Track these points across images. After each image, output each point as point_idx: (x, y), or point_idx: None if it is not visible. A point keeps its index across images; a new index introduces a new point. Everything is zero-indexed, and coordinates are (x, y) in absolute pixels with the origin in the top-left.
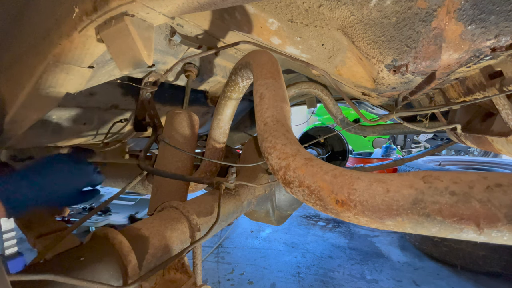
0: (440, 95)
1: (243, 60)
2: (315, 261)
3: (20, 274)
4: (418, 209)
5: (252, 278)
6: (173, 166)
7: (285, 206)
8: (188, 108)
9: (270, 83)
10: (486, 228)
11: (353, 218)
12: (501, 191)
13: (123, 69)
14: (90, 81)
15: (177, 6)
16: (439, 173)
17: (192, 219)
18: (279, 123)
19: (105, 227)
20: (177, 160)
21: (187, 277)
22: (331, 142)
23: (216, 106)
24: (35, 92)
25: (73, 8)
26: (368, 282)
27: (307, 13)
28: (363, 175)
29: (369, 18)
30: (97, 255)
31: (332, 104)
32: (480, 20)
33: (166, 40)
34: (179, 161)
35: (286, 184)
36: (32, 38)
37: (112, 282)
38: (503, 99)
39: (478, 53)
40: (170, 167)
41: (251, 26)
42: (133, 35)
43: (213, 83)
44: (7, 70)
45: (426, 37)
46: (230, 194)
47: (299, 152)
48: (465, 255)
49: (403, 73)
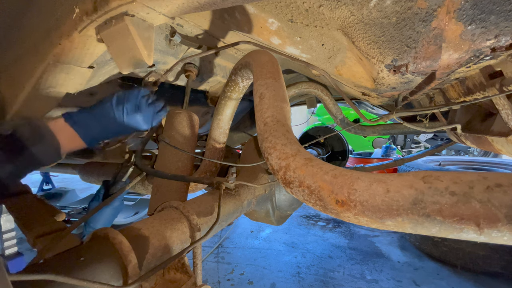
0: (440, 95)
1: (243, 60)
2: (315, 261)
3: (20, 274)
4: (418, 209)
5: (252, 278)
6: (173, 166)
7: (285, 206)
8: (188, 108)
9: (270, 83)
10: (486, 228)
11: (353, 218)
12: (501, 191)
13: (123, 69)
14: (90, 81)
15: (177, 6)
16: (439, 173)
17: (192, 219)
18: (279, 123)
19: (105, 227)
20: (177, 160)
21: (187, 277)
22: (331, 142)
23: (216, 106)
24: (35, 92)
25: (73, 8)
26: (368, 282)
27: (307, 13)
28: (363, 175)
29: (369, 18)
30: (97, 255)
31: (332, 104)
32: (480, 20)
33: (166, 40)
34: (179, 161)
35: (286, 184)
36: (32, 38)
37: (112, 282)
38: (503, 99)
39: (478, 53)
40: (170, 167)
41: (251, 26)
42: (133, 35)
43: (213, 83)
44: (7, 70)
45: (426, 37)
46: (230, 194)
47: (299, 152)
48: (465, 255)
49: (403, 73)
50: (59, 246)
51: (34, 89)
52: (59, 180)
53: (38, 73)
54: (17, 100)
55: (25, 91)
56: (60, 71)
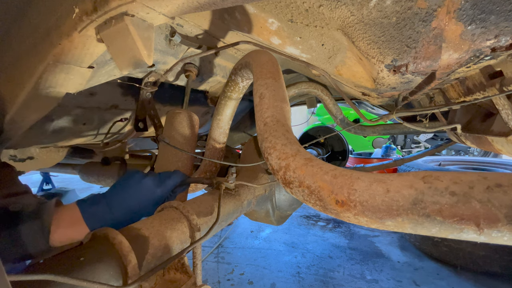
0: (440, 95)
1: (243, 60)
2: (315, 261)
3: (20, 274)
4: (418, 209)
5: (252, 278)
6: (173, 166)
7: (285, 206)
8: (188, 108)
9: (270, 83)
10: (486, 228)
11: (353, 218)
12: (501, 191)
13: (123, 69)
14: (90, 81)
15: (177, 6)
16: (439, 173)
17: (192, 219)
18: (279, 123)
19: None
20: (177, 160)
21: (187, 277)
22: (331, 142)
23: (216, 106)
24: (35, 92)
25: (73, 8)
26: (368, 282)
27: (307, 13)
28: (363, 175)
29: (369, 18)
30: (97, 255)
31: (332, 104)
32: (480, 20)
33: (166, 40)
34: (179, 161)
35: (286, 184)
36: (32, 38)
37: (112, 282)
38: (503, 99)
39: (478, 53)
40: (170, 167)
41: (251, 26)
42: (133, 35)
43: (213, 83)
44: (7, 70)
45: (426, 37)
46: (230, 194)
47: (299, 152)
48: (465, 255)
49: (403, 73)
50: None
51: (34, 89)
52: (59, 180)
53: (38, 73)
54: (17, 100)
55: (25, 91)
56: (60, 71)
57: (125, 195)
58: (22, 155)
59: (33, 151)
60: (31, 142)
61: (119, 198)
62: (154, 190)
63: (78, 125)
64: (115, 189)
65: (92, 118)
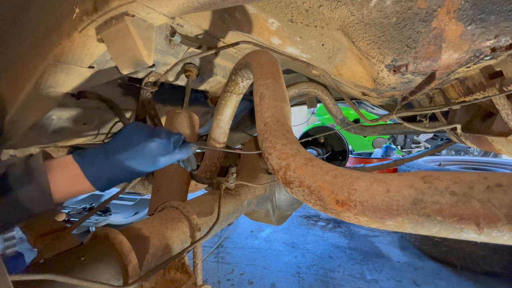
0: (440, 95)
1: (243, 60)
2: (315, 261)
3: (21, 274)
4: (418, 209)
5: (252, 278)
6: (173, 166)
7: (285, 206)
8: (188, 108)
9: (270, 83)
10: (486, 228)
11: (353, 218)
12: (501, 191)
13: (123, 69)
14: (90, 81)
15: (177, 6)
16: (439, 173)
17: (192, 219)
18: (279, 123)
19: (106, 227)
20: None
21: (187, 277)
22: (331, 142)
23: (216, 106)
24: (35, 92)
25: (74, 8)
26: (368, 282)
27: (307, 13)
28: (363, 175)
29: (369, 18)
30: (97, 255)
31: (332, 104)
32: (480, 20)
33: (166, 40)
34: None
35: (286, 184)
36: (32, 38)
37: (112, 282)
38: (503, 99)
39: (478, 53)
40: (170, 167)
41: (251, 26)
42: (133, 35)
43: (213, 83)
44: (7, 70)
45: (426, 37)
46: (230, 194)
47: (299, 152)
48: (465, 255)
49: (403, 73)
50: (59, 246)
51: (34, 89)
52: None
53: (38, 73)
54: (17, 100)
55: (25, 91)
56: (60, 71)
57: (127, 156)
58: (22, 155)
59: (33, 151)
60: (31, 142)
61: (122, 157)
62: (158, 158)
63: (78, 125)
64: (115, 145)
65: (92, 118)
